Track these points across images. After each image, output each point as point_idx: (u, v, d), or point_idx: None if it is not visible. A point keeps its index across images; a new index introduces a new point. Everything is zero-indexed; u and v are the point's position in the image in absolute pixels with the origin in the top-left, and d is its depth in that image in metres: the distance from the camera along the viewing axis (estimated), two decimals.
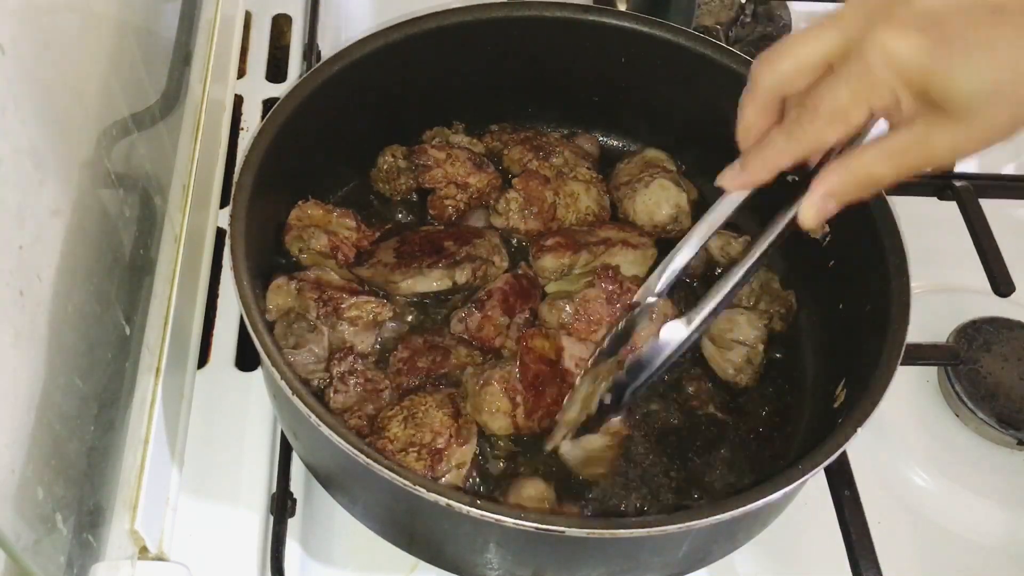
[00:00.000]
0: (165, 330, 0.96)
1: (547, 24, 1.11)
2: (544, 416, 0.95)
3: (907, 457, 1.08)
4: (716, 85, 1.10)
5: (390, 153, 1.14)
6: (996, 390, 1.08)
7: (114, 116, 0.95)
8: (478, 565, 0.86)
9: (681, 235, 0.88)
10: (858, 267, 0.99)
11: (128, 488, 0.87)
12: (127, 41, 1.01)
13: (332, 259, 1.04)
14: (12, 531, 0.71)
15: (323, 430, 0.77)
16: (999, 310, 1.14)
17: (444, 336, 1.00)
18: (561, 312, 1.01)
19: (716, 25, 1.37)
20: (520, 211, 1.10)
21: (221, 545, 0.93)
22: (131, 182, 0.99)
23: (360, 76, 1.05)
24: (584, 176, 1.14)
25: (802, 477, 0.79)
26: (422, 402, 0.93)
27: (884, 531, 0.96)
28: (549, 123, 1.23)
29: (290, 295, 0.98)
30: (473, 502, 0.74)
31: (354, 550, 0.96)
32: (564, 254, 1.05)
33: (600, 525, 0.76)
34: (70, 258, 0.83)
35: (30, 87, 0.76)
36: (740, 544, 0.91)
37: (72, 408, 0.83)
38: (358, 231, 1.07)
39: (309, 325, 0.95)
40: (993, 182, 1.24)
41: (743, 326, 1.02)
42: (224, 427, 1.00)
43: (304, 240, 1.04)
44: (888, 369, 0.84)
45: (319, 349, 0.95)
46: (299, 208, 1.06)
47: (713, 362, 1.03)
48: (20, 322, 0.73)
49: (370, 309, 0.99)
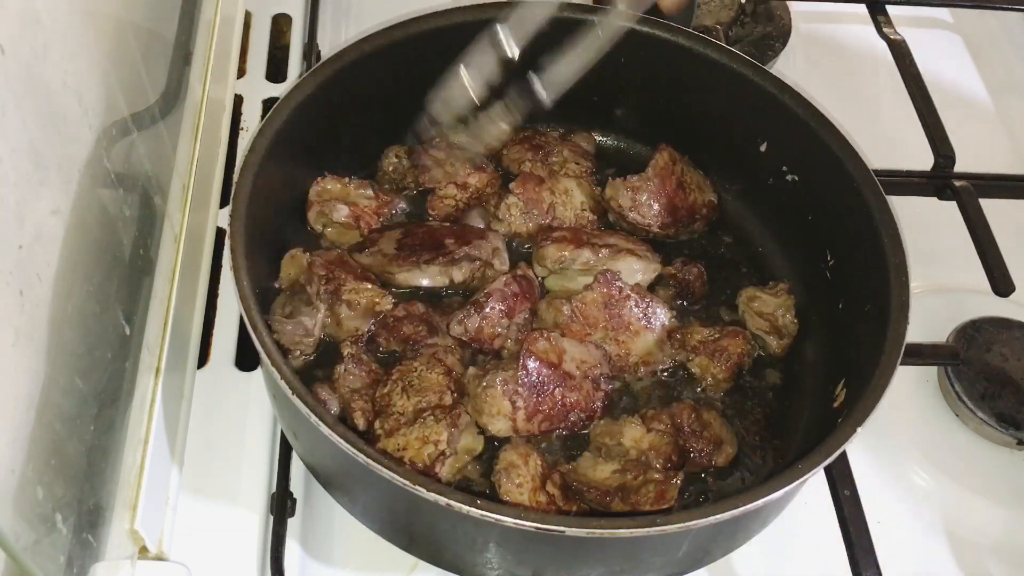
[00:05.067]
0: (165, 330, 0.96)
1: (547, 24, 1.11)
2: (544, 419, 0.95)
3: (907, 457, 1.08)
4: (716, 85, 1.10)
5: (394, 153, 1.14)
6: (996, 390, 1.08)
7: (114, 116, 0.95)
8: (478, 565, 0.86)
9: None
10: (858, 267, 0.99)
11: (128, 488, 0.87)
12: (127, 41, 1.01)
13: (356, 229, 1.07)
14: (12, 531, 0.71)
15: (323, 430, 0.77)
16: (999, 310, 1.14)
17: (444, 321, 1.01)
18: (559, 312, 1.01)
19: (716, 25, 1.37)
20: (521, 215, 1.11)
21: (221, 545, 0.93)
22: (131, 182, 0.99)
23: (360, 76, 1.05)
24: (574, 172, 1.15)
25: (802, 477, 0.79)
26: (411, 368, 0.94)
27: (884, 531, 0.96)
28: (548, 122, 1.23)
29: (301, 268, 1.00)
30: (473, 502, 0.74)
31: (354, 550, 0.96)
32: (566, 247, 1.06)
33: (600, 525, 0.76)
34: (70, 258, 0.83)
35: (30, 87, 0.76)
36: (740, 544, 0.91)
37: (72, 408, 0.83)
38: (376, 199, 1.10)
39: (307, 299, 0.97)
40: (993, 182, 1.24)
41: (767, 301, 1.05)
42: (224, 427, 1.01)
43: (326, 214, 1.07)
44: (888, 369, 0.85)
45: (310, 323, 0.96)
46: (318, 184, 1.08)
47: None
48: (20, 322, 0.73)
49: (369, 297, 0.99)
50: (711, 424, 0.97)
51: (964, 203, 1.17)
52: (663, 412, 0.97)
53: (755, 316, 1.06)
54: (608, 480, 0.91)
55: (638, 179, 1.12)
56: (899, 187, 1.19)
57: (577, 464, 0.94)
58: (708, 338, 1.03)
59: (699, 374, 1.02)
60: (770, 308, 1.06)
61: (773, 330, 1.05)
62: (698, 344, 1.02)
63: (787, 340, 1.05)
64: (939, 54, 1.52)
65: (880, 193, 0.97)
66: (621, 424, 0.95)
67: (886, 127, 1.41)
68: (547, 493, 0.89)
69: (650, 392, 1.02)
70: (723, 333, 1.03)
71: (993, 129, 1.48)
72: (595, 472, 0.92)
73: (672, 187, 1.13)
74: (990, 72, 1.55)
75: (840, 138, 1.01)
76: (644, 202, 1.11)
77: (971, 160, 1.30)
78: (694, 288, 1.08)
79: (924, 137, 1.24)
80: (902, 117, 1.31)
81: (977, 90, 1.53)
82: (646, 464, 0.92)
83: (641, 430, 0.94)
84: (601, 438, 0.95)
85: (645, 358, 1.02)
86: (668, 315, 1.04)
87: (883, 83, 1.47)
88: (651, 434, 0.94)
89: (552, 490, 0.89)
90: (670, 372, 1.03)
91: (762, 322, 1.06)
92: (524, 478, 0.88)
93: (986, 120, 1.49)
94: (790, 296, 1.06)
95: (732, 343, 1.02)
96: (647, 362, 1.02)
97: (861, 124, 1.39)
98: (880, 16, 1.40)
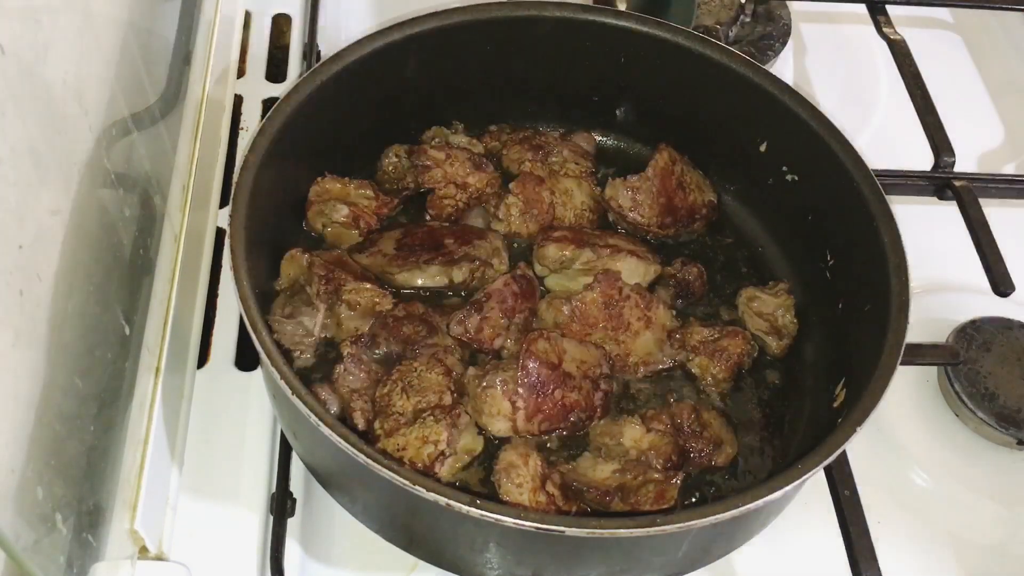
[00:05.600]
0: (165, 330, 0.96)
1: (547, 24, 1.11)
2: (544, 419, 0.95)
3: (907, 457, 1.08)
4: (715, 85, 1.10)
5: (393, 152, 1.14)
6: (996, 390, 1.08)
7: (114, 116, 0.95)
8: (478, 565, 0.86)
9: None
10: (858, 267, 0.99)
11: (128, 488, 0.87)
12: (127, 41, 1.01)
13: (355, 229, 1.07)
14: (12, 531, 0.71)
15: (323, 430, 0.77)
16: (999, 310, 1.14)
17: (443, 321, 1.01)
18: (559, 312, 1.01)
19: (716, 25, 1.37)
20: (521, 215, 1.10)
21: (221, 545, 0.93)
22: (131, 182, 1.00)
23: (360, 76, 1.05)
24: (574, 172, 1.15)
25: (802, 477, 0.79)
26: (410, 368, 0.94)
27: (884, 531, 0.96)
28: (548, 122, 1.23)
29: (301, 268, 1.00)
30: (473, 502, 0.74)
31: (354, 550, 0.96)
32: (567, 246, 1.06)
33: (600, 525, 0.76)
34: (70, 258, 0.83)
35: (30, 87, 0.76)
36: (740, 544, 0.91)
37: (72, 408, 0.83)
38: (376, 199, 1.10)
39: (307, 299, 0.97)
40: (993, 182, 1.24)
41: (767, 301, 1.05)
42: (224, 427, 1.00)
43: (326, 214, 1.07)
44: (888, 369, 0.84)
45: (310, 324, 0.97)
46: (318, 184, 1.08)
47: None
48: (20, 322, 0.73)
49: (369, 297, 0.99)
50: (711, 424, 0.97)
51: (964, 203, 1.17)
52: (663, 412, 0.97)
53: (755, 316, 1.06)
54: (608, 480, 0.91)
55: (638, 179, 1.12)
56: (899, 187, 1.19)
57: (577, 464, 0.94)
58: (708, 338, 1.03)
59: (699, 374, 1.02)
60: (770, 308, 1.06)
61: (773, 330, 1.05)
62: (698, 344, 1.02)
63: (787, 340, 1.05)
64: (939, 54, 1.51)
65: (880, 193, 0.97)
66: (621, 424, 0.95)
67: (886, 127, 1.41)
68: (547, 493, 0.89)
69: (650, 392, 1.02)
70: (723, 333, 1.03)
71: (993, 129, 1.47)
72: (595, 472, 0.92)
73: (672, 187, 1.13)
74: (990, 72, 1.55)
75: (840, 138, 1.01)
76: (644, 202, 1.11)
77: (971, 160, 1.30)
78: (694, 288, 1.08)
79: (924, 137, 1.23)
80: (902, 117, 1.31)
81: (977, 90, 1.52)
82: (646, 464, 0.92)
83: (641, 430, 0.94)
84: (601, 438, 0.95)
85: (645, 358, 1.02)
86: (668, 315, 1.04)
87: (883, 83, 1.47)
88: (651, 434, 0.94)
89: (552, 490, 0.89)
90: (670, 372, 1.03)
91: (762, 322, 1.06)
92: (524, 478, 0.88)
93: (986, 120, 1.49)
94: (790, 296, 1.06)
95: (732, 343, 1.02)
96: (647, 362, 1.02)
97: (861, 124, 1.40)
98: (880, 16, 1.40)
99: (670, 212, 1.12)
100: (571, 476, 0.92)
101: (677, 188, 1.13)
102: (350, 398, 0.93)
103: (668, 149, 1.13)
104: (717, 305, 1.10)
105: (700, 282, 1.09)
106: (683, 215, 1.13)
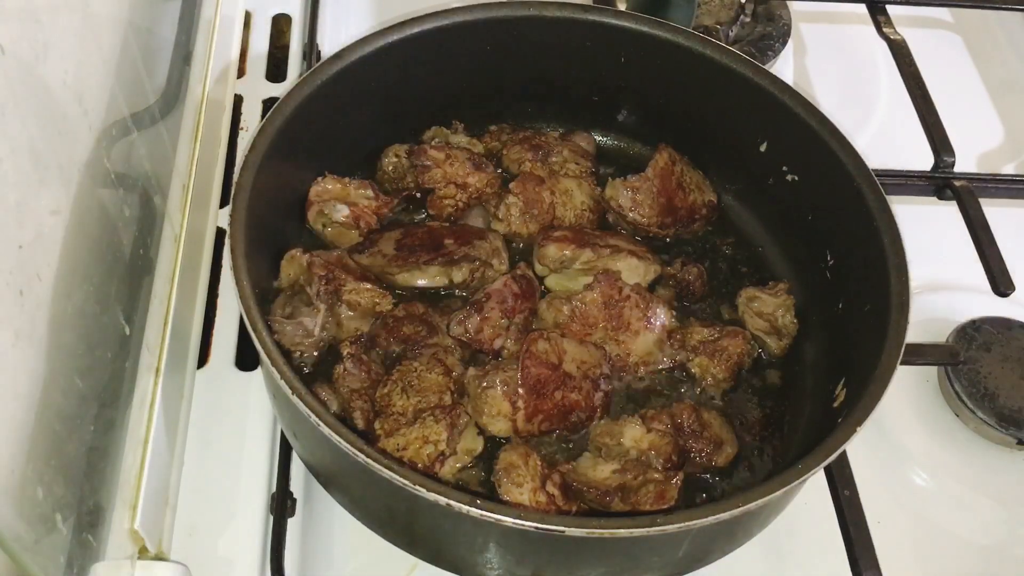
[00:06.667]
0: (165, 330, 0.96)
1: (547, 24, 1.11)
2: (544, 420, 0.95)
3: (907, 457, 1.08)
4: (715, 85, 1.10)
5: (393, 152, 1.14)
6: (996, 390, 1.08)
7: (114, 116, 0.95)
8: (478, 565, 0.86)
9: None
10: (858, 267, 0.99)
11: (128, 488, 0.87)
12: (127, 41, 1.01)
13: (355, 229, 1.07)
14: (12, 531, 0.71)
15: (323, 430, 0.77)
16: (999, 310, 1.14)
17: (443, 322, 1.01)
18: (559, 312, 1.02)
19: (716, 25, 1.37)
20: (521, 215, 1.10)
21: (221, 545, 0.93)
22: (131, 182, 1.00)
23: (360, 76, 1.05)
24: (574, 172, 1.15)
25: (802, 477, 0.79)
26: (410, 369, 0.94)
27: (884, 531, 0.96)
28: (548, 122, 1.23)
29: (301, 268, 1.00)
30: (473, 502, 0.74)
31: (354, 550, 0.96)
32: (567, 246, 1.06)
33: (600, 525, 0.76)
34: (70, 258, 0.83)
35: (30, 87, 0.76)
36: (740, 544, 0.91)
37: (72, 408, 0.83)
38: (376, 199, 1.10)
39: (307, 299, 0.97)
40: (993, 182, 1.24)
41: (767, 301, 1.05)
42: (224, 427, 1.00)
43: (326, 214, 1.07)
44: (888, 369, 0.84)
45: (310, 324, 0.97)
46: (318, 184, 1.08)
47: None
48: (20, 322, 0.73)
49: (369, 297, 0.99)
50: (711, 424, 0.97)
51: (964, 203, 1.17)
52: (663, 412, 0.97)
53: (755, 316, 1.06)
54: (608, 480, 0.91)
55: (638, 179, 1.12)
56: (899, 187, 1.19)
57: (577, 464, 0.94)
58: (708, 338, 1.03)
59: (699, 374, 1.02)
60: (770, 308, 1.06)
61: (773, 330, 1.05)
62: (698, 344, 1.02)
63: (787, 340, 1.05)
64: (939, 54, 1.52)
65: (880, 193, 0.97)
66: (621, 424, 0.95)
67: (886, 127, 1.41)
68: (547, 493, 0.89)
69: (650, 392, 1.02)
70: (723, 333, 1.03)
71: (993, 129, 1.48)
72: (595, 472, 0.92)
73: (672, 187, 1.13)
74: (990, 72, 1.55)
75: (840, 138, 1.01)
76: (644, 202, 1.11)
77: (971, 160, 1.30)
78: (694, 288, 1.08)
79: (924, 137, 1.24)
80: (902, 117, 1.31)
81: (977, 90, 1.53)
82: (646, 464, 0.92)
83: (641, 430, 0.94)
84: (601, 438, 0.95)
85: (645, 358, 1.02)
86: (668, 315, 1.04)
87: (883, 83, 1.47)
88: (651, 434, 0.94)
89: (552, 490, 0.89)
90: (670, 372, 1.03)
91: (762, 322, 1.06)
92: (524, 478, 0.88)
93: (986, 120, 1.49)
94: (790, 296, 1.06)
95: (732, 343, 1.02)
96: (647, 362, 1.02)
97: (861, 124, 1.40)
98: (880, 16, 1.40)
99: (670, 212, 1.12)
100: (571, 476, 0.92)
101: (677, 188, 1.13)
102: (350, 398, 0.93)
103: (668, 149, 1.13)
104: (717, 305, 1.10)
105: (700, 282, 1.09)
106: (683, 215, 1.13)
